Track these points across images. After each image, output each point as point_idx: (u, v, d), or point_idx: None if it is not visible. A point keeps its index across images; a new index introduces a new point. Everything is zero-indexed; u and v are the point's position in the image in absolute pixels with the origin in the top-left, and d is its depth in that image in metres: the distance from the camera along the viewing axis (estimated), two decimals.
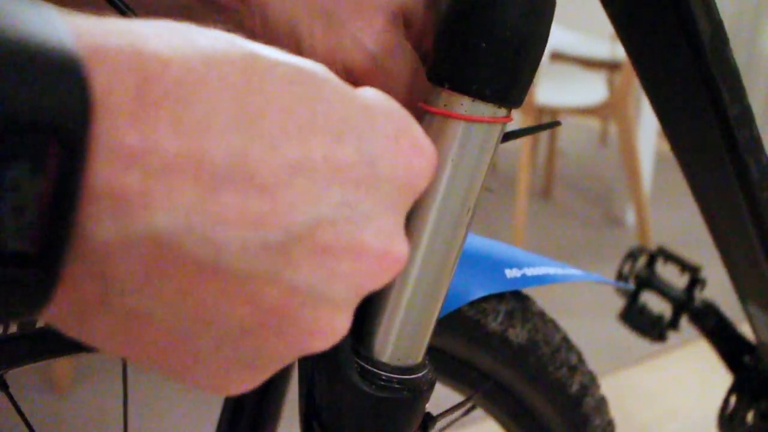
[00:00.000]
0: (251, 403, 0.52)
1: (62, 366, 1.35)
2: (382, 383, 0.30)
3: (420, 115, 0.28)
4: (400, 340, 0.30)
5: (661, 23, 0.37)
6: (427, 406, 0.32)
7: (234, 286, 0.17)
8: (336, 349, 0.30)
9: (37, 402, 1.35)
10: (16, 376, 0.33)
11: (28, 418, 0.35)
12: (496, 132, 0.28)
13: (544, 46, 0.27)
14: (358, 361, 0.30)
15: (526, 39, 0.26)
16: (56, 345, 0.31)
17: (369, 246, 0.19)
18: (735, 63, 0.40)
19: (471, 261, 0.39)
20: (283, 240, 0.17)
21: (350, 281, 0.19)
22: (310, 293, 0.18)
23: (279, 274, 0.17)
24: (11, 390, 0.34)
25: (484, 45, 0.26)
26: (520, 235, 1.92)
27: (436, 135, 0.28)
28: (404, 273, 0.29)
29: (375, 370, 0.30)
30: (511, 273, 0.41)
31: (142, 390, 1.38)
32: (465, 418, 0.46)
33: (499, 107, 0.27)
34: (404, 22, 0.31)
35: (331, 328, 0.19)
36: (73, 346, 0.32)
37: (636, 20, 0.39)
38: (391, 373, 0.30)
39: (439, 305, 0.30)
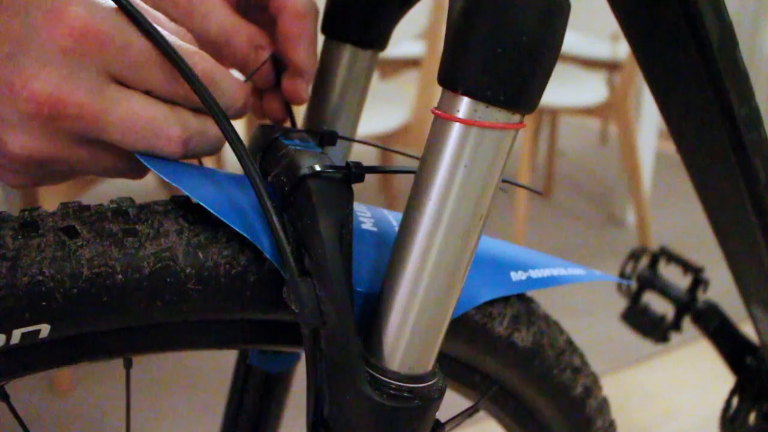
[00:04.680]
0: (253, 406, 0.51)
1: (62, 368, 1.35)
2: (393, 392, 0.29)
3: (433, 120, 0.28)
4: (410, 349, 0.30)
5: (669, 23, 0.37)
6: None
7: None
8: (345, 358, 0.29)
9: (37, 404, 1.34)
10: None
11: (29, 422, 0.35)
12: (510, 138, 0.28)
13: (559, 51, 0.27)
14: (368, 369, 0.30)
15: (542, 44, 0.26)
16: (57, 355, 0.31)
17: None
18: (744, 64, 0.39)
19: (476, 263, 0.39)
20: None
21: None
22: None
23: None
24: (12, 394, 0.33)
25: (499, 50, 0.25)
26: (520, 235, 1.92)
27: (448, 140, 0.27)
28: (415, 280, 0.29)
29: (385, 378, 0.30)
30: (516, 276, 0.41)
31: (144, 392, 1.37)
32: (466, 419, 0.46)
33: (513, 113, 0.27)
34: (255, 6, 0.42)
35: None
36: (74, 356, 0.31)
37: (644, 21, 0.38)
38: (401, 381, 0.30)
39: (450, 313, 0.30)
